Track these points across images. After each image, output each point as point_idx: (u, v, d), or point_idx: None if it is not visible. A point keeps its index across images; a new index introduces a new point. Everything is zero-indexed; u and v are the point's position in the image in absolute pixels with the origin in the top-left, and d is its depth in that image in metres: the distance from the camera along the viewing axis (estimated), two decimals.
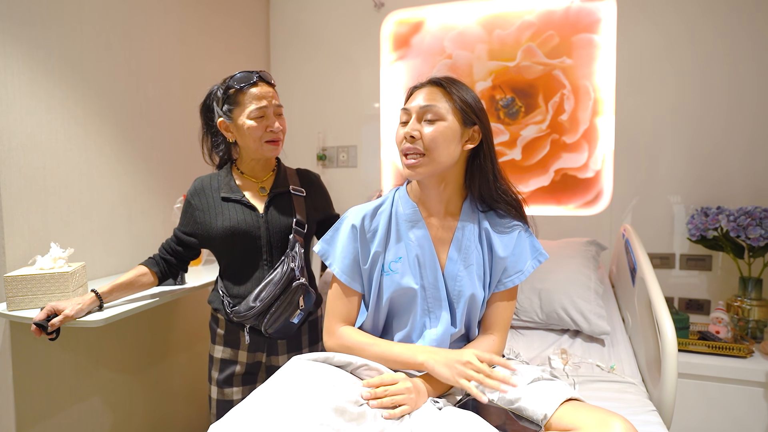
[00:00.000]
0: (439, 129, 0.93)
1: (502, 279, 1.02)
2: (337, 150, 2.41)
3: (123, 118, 1.55)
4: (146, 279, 1.20)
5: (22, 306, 1.13)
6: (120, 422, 1.54)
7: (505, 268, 1.01)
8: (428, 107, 0.94)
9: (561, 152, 2.13)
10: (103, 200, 1.48)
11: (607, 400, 1.15)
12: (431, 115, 0.94)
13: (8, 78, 1.19)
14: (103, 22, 1.46)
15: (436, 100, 0.95)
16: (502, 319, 1.03)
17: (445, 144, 0.94)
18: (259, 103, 1.14)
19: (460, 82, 0.98)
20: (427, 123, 0.94)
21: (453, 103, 0.94)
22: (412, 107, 0.96)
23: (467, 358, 0.88)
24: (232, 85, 1.15)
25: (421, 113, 0.95)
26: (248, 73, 1.15)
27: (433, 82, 0.98)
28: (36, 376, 1.28)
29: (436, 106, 0.94)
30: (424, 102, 0.95)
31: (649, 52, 1.94)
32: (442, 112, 0.94)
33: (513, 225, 1.03)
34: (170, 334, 1.76)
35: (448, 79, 0.98)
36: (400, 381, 0.88)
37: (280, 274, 1.15)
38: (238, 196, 1.21)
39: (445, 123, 0.94)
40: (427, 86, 0.98)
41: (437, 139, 0.93)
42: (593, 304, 1.47)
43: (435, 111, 0.94)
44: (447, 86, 0.96)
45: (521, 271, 1.01)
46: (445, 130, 0.93)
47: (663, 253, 1.96)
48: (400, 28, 2.30)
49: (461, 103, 0.94)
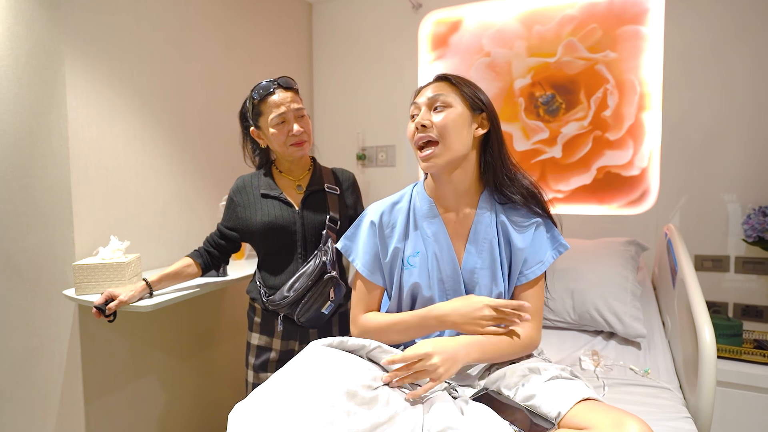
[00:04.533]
0: (449, 115, 0.97)
1: (523, 271, 1.02)
2: (376, 150, 2.47)
3: (174, 124, 1.69)
4: (191, 270, 1.31)
5: (87, 291, 1.28)
6: (173, 401, 1.69)
7: (525, 259, 1.02)
8: (436, 96, 0.99)
9: (604, 149, 2.05)
10: (156, 198, 1.63)
11: (638, 404, 1.11)
12: (440, 104, 0.98)
13: (76, 90, 1.35)
14: (156, 36, 1.61)
15: (443, 90, 1.00)
16: (533, 308, 1.02)
17: (457, 129, 0.97)
18: (278, 110, 1.22)
19: (466, 78, 1.04)
20: (437, 111, 0.98)
21: (459, 91, 1.00)
22: (420, 100, 1.02)
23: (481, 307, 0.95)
24: (254, 96, 1.24)
25: (430, 103, 1.00)
26: (269, 82, 1.24)
27: (438, 78, 1.03)
28: (100, 354, 1.43)
29: (443, 95, 0.99)
30: (432, 93, 1.00)
31: (700, 43, 1.83)
32: (449, 99, 0.98)
33: (531, 217, 1.03)
34: (217, 323, 1.90)
35: (453, 74, 1.03)
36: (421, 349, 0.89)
37: (312, 267, 1.22)
38: (277, 193, 1.29)
39: (454, 109, 0.98)
40: (433, 82, 1.03)
41: (448, 124, 0.97)
42: (629, 306, 1.42)
43: (443, 99, 0.98)
44: (452, 78, 1.01)
45: (542, 262, 1.01)
46: (455, 115, 0.98)
47: (716, 256, 1.84)
48: (438, 28, 2.32)
49: (468, 91, 1.00)
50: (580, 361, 1.34)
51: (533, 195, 1.03)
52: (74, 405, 1.40)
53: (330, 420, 0.73)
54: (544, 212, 1.04)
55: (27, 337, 1.46)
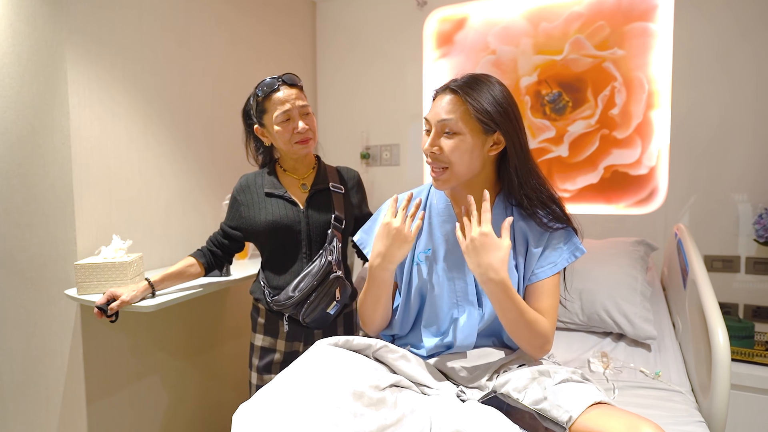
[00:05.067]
0: (457, 143, 0.93)
1: (534, 270, 1.00)
2: (380, 148, 2.45)
3: (177, 122, 1.68)
4: (194, 269, 1.29)
5: (89, 291, 1.26)
6: (175, 402, 1.67)
7: (538, 259, 0.99)
8: (446, 121, 0.94)
9: (611, 148, 2.02)
10: (159, 197, 1.61)
11: (649, 407, 1.09)
12: (449, 129, 0.94)
13: (78, 88, 1.33)
14: (159, 33, 1.59)
15: (452, 112, 0.93)
16: (545, 306, 0.98)
17: (465, 156, 0.94)
18: (282, 107, 1.20)
19: (482, 83, 0.95)
20: (447, 136, 0.94)
21: (469, 113, 0.92)
22: (431, 118, 0.97)
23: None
24: (258, 93, 1.22)
25: (439, 127, 0.95)
26: (273, 79, 1.22)
27: (450, 89, 0.96)
28: (102, 354, 1.42)
29: (452, 121, 0.93)
30: (443, 115, 0.94)
31: (710, 40, 1.80)
32: (458, 126, 0.93)
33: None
34: (220, 324, 1.88)
35: (466, 84, 0.95)
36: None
37: (318, 267, 1.20)
38: (281, 191, 1.27)
39: (462, 137, 0.93)
40: (447, 94, 0.96)
41: (455, 153, 0.93)
42: (639, 307, 1.39)
43: (451, 125, 0.93)
44: (463, 94, 0.93)
45: (554, 263, 0.99)
46: (463, 143, 0.93)
47: (726, 256, 1.81)
48: (443, 26, 2.30)
49: (477, 112, 0.92)
50: (588, 363, 1.31)
51: (551, 208, 0.99)
52: (76, 406, 1.38)
53: (336, 422, 0.72)
54: (562, 223, 1.00)
55: (28, 337, 1.45)
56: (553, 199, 1.01)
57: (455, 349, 1.04)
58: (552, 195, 1.01)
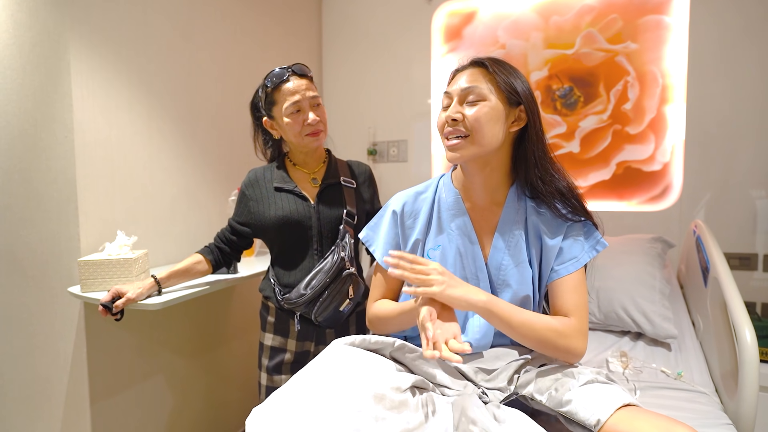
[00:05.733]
0: (482, 109, 0.90)
1: (554, 267, 0.95)
2: (387, 145, 2.41)
3: (183, 115, 1.64)
4: (201, 267, 1.25)
5: (93, 288, 1.23)
6: (181, 403, 1.64)
7: (557, 255, 0.95)
8: (470, 89, 0.91)
9: (624, 144, 1.98)
10: (164, 192, 1.57)
11: (673, 409, 1.05)
12: (473, 97, 0.90)
13: (82, 80, 1.30)
14: (164, 24, 1.55)
15: (477, 81, 0.91)
16: (572, 304, 0.92)
17: (489, 124, 0.90)
18: (293, 98, 1.16)
19: (504, 62, 0.94)
20: (469, 105, 0.91)
21: (496, 82, 0.91)
22: (453, 90, 0.93)
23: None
24: (267, 84, 1.18)
25: (463, 95, 0.92)
26: (282, 69, 1.18)
27: (474, 63, 0.94)
28: (106, 353, 1.38)
29: (478, 87, 0.90)
30: (466, 84, 0.92)
31: (728, 32, 1.76)
32: (484, 92, 0.90)
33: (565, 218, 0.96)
34: (226, 322, 1.84)
35: (491, 59, 0.94)
36: (432, 264, 0.87)
37: (330, 263, 1.17)
38: (291, 186, 1.23)
39: (488, 103, 0.90)
40: (468, 68, 0.95)
41: (480, 119, 0.89)
42: (658, 305, 1.36)
43: (477, 92, 0.90)
44: (489, 65, 0.92)
45: (576, 258, 0.94)
46: (489, 110, 0.90)
47: (743, 253, 1.77)
48: (451, 20, 2.26)
49: (505, 83, 0.90)
50: (607, 362, 1.27)
51: (569, 200, 0.95)
52: (79, 406, 1.35)
53: (357, 427, 0.68)
54: (580, 216, 0.96)
55: (31, 335, 1.41)
56: (572, 191, 0.96)
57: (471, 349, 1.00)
58: (570, 186, 0.97)
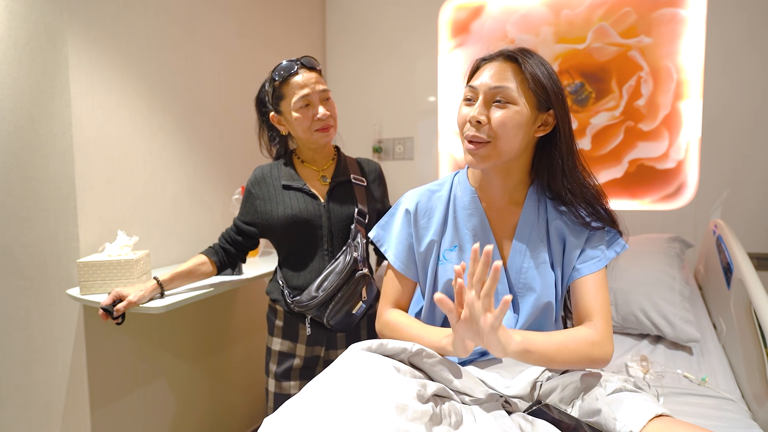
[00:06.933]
0: (509, 114, 0.82)
1: (577, 266, 0.90)
2: (393, 142, 2.36)
3: (184, 111, 1.59)
4: (206, 268, 1.21)
5: (93, 290, 1.18)
6: (183, 408, 1.59)
7: (579, 254, 0.90)
8: (498, 89, 0.83)
9: (637, 141, 1.94)
10: (166, 191, 1.52)
11: (700, 417, 1.01)
12: (501, 98, 0.83)
13: (80, 74, 1.25)
14: (166, 18, 1.50)
15: (507, 80, 0.84)
16: (595, 304, 0.87)
17: (515, 131, 0.83)
18: (301, 91, 1.11)
19: (536, 55, 0.86)
20: (496, 106, 0.84)
21: (527, 83, 0.83)
22: (479, 85, 0.85)
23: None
24: (275, 78, 1.13)
25: (489, 95, 0.84)
26: (290, 62, 1.13)
27: (505, 56, 0.86)
28: (107, 357, 1.34)
29: (507, 89, 0.83)
30: (494, 82, 0.84)
31: (747, 26, 1.71)
32: (514, 95, 0.82)
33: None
34: (229, 325, 1.80)
35: (523, 51, 0.86)
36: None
37: (342, 264, 1.12)
38: (300, 184, 1.18)
39: (516, 108, 0.83)
40: (497, 60, 0.86)
41: (507, 125, 0.83)
42: (678, 308, 1.31)
43: (506, 94, 0.83)
44: (522, 61, 0.84)
45: (598, 258, 0.89)
46: (516, 115, 0.83)
47: (761, 254, 1.72)
48: (459, 14, 2.21)
49: (535, 83, 0.83)
50: (626, 367, 1.23)
51: (595, 208, 0.90)
52: (79, 412, 1.30)
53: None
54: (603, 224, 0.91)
55: (28, 339, 1.37)
56: (598, 199, 0.91)
57: (490, 356, 0.96)
58: (598, 194, 0.92)
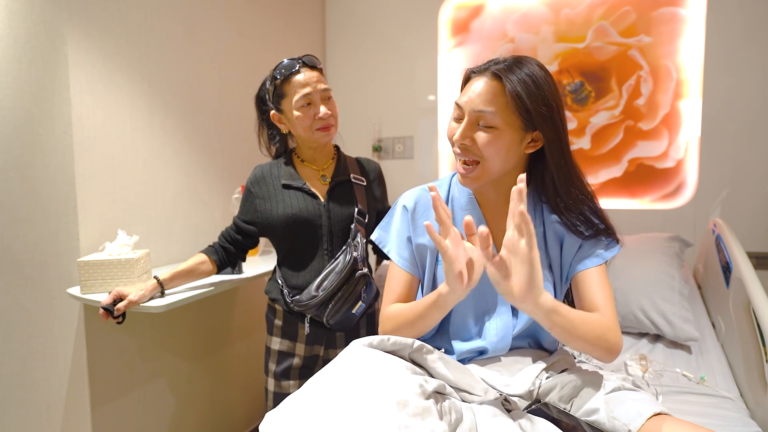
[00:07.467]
0: (491, 138, 0.83)
1: (578, 261, 0.90)
2: (392, 141, 2.36)
3: (184, 111, 1.59)
4: (206, 267, 1.21)
5: (93, 290, 1.18)
6: (183, 406, 1.59)
7: (576, 253, 0.90)
8: (482, 113, 0.82)
9: (636, 140, 1.94)
10: (165, 190, 1.52)
11: (699, 415, 1.01)
12: (484, 122, 0.83)
13: (80, 73, 1.25)
14: (166, 16, 1.50)
15: (489, 104, 0.82)
16: (600, 298, 0.86)
17: (501, 153, 0.84)
18: (303, 90, 1.11)
19: (527, 65, 0.83)
20: (481, 129, 0.83)
21: (513, 105, 0.81)
22: (464, 104, 0.85)
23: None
24: (277, 76, 1.13)
25: (473, 116, 0.84)
26: (292, 60, 1.13)
27: (492, 73, 0.83)
28: (107, 356, 1.34)
29: (489, 113, 0.82)
30: (477, 106, 0.83)
31: (746, 25, 1.71)
32: (495, 121, 0.82)
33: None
34: (229, 324, 1.80)
35: (510, 66, 0.83)
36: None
37: (342, 264, 1.12)
38: (300, 183, 1.18)
39: (500, 132, 0.83)
40: (484, 77, 0.84)
41: (490, 148, 0.83)
42: (678, 307, 1.31)
43: (488, 119, 0.82)
44: (506, 83, 0.81)
45: (597, 255, 0.89)
46: (499, 140, 0.83)
47: (760, 253, 1.73)
48: (459, 13, 2.21)
49: (518, 106, 0.81)
50: (625, 365, 1.23)
51: (591, 221, 0.89)
52: (80, 411, 1.31)
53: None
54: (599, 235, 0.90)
55: (29, 338, 1.37)
56: (595, 213, 0.90)
57: (489, 354, 0.96)
58: (595, 208, 0.91)
